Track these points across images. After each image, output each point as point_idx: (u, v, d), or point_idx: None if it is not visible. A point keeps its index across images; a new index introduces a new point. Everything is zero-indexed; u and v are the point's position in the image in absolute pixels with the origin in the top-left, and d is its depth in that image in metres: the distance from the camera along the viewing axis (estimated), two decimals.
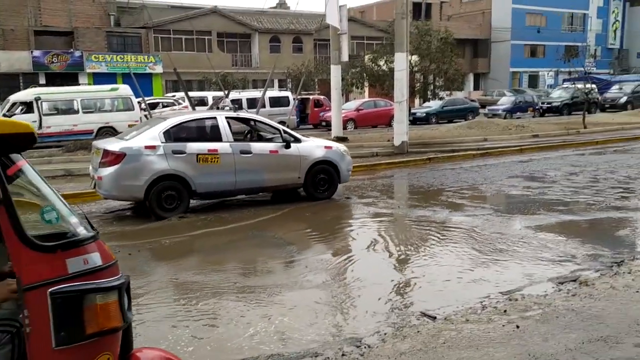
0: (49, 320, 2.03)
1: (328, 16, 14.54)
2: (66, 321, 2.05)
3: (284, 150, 9.28)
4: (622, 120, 25.36)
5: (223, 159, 8.82)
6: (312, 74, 33.59)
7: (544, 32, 51.37)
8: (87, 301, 2.07)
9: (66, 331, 2.04)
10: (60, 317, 2.04)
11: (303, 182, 9.57)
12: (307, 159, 9.50)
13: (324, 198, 9.75)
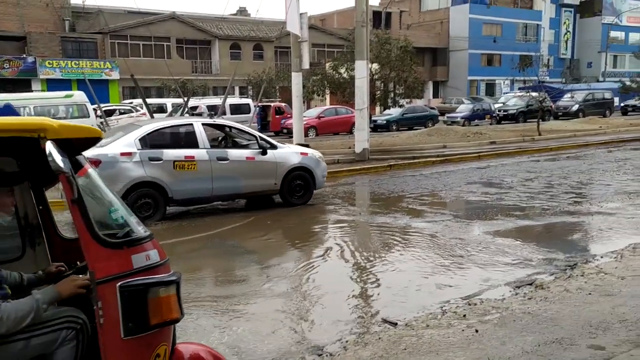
0: (118, 312, 2.17)
1: (289, 24, 14.54)
2: (133, 313, 2.19)
3: (261, 157, 9.30)
4: (574, 127, 26.25)
5: (200, 165, 8.73)
6: (273, 81, 33.52)
7: (499, 42, 52.79)
8: (151, 294, 2.23)
9: (134, 322, 2.19)
10: (128, 309, 2.18)
11: (279, 188, 9.62)
12: (283, 165, 9.57)
13: (300, 204, 9.82)
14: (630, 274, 5.63)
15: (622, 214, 8.70)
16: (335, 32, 43.88)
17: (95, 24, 36.64)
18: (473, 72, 52.26)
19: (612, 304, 4.82)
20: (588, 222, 8.34)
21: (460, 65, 52.19)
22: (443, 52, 53.13)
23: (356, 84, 14.87)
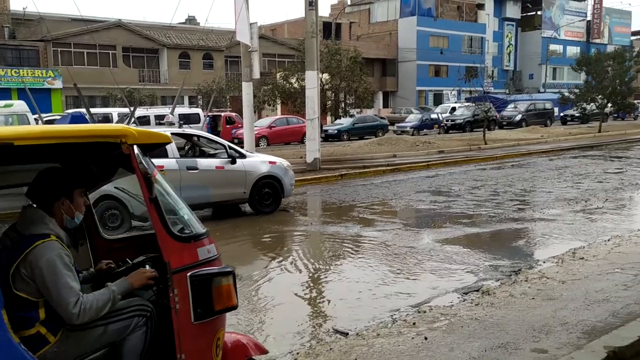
0: (189, 299, 2.44)
1: (238, 33, 14.46)
2: (201, 300, 2.46)
3: (230, 166, 9.30)
4: (518, 136, 27.21)
5: (169, 175, 8.56)
6: (224, 90, 33.22)
7: (446, 54, 54.26)
8: (214, 283, 2.51)
9: (201, 308, 2.47)
10: (197, 296, 2.45)
11: (248, 197, 9.65)
12: (252, 174, 9.61)
13: (269, 212, 9.87)
14: (571, 278, 5.84)
15: (562, 220, 9.04)
16: (285, 42, 44.00)
17: (37, 32, 35.37)
18: (421, 82, 53.43)
19: (554, 307, 4.98)
20: (531, 229, 8.62)
21: (409, 76, 53.28)
22: (392, 63, 54.12)
23: (307, 94, 14.92)
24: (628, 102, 34.04)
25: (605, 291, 5.35)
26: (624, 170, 15.16)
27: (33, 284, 2.35)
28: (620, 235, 7.83)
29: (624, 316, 4.65)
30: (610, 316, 4.68)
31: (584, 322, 4.57)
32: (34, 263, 2.34)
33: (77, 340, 2.42)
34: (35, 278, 2.33)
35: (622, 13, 70.52)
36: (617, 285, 5.51)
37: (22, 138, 2.22)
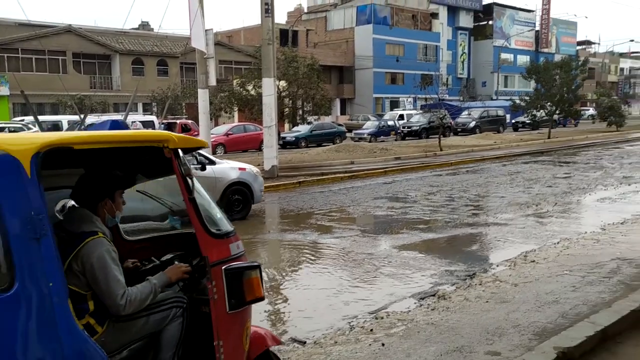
0: (224, 290, 2.67)
1: (193, 40, 14.27)
2: (234, 291, 2.69)
3: (200, 173, 9.19)
4: (472, 143, 27.84)
5: None
6: (179, 97, 32.73)
7: (402, 61, 55.13)
8: (245, 276, 2.74)
9: (235, 299, 2.69)
10: (231, 288, 2.68)
11: None
12: (222, 180, 9.52)
13: (239, 218, 9.80)
14: (523, 281, 5.98)
15: (514, 224, 9.28)
16: (242, 48, 43.76)
17: None
18: (378, 89, 54.08)
19: (507, 310, 5.09)
20: (485, 233, 8.81)
21: (366, 83, 53.85)
22: (349, 71, 54.59)
23: (264, 101, 14.86)
24: (575, 109, 35.41)
25: (555, 293, 5.50)
26: (572, 175, 15.71)
27: (83, 278, 2.51)
28: (569, 238, 8.10)
29: (572, 317, 4.80)
30: (559, 317, 4.82)
31: (535, 324, 4.69)
32: (85, 258, 2.51)
33: (122, 331, 2.60)
34: (86, 272, 2.50)
35: (568, 24, 73.41)
36: (566, 287, 5.68)
37: (82, 142, 2.40)
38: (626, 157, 20.73)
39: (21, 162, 2.13)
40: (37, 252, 2.12)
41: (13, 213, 2.10)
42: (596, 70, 75.50)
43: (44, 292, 2.12)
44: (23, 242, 2.10)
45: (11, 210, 2.09)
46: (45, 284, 2.12)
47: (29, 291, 2.08)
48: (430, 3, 59.36)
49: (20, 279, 2.07)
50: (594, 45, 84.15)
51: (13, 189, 2.11)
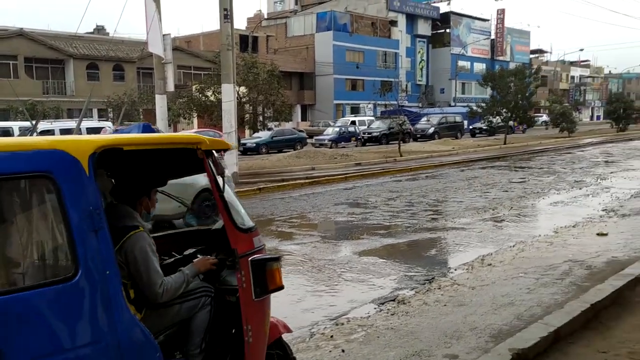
0: (250, 280, 2.90)
1: (150, 45, 14.02)
2: (259, 280, 2.93)
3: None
4: (431, 148, 28.30)
5: None
6: (136, 103, 32.05)
7: (362, 68, 55.66)
8: (267, 266, 2.97)
9: (259, 287, 2.93)
10: (256, 277, 2.92)
11: None
12: (193, 186, 9.27)
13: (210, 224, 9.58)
14: (479, 284, 6.09)
15: (472, 228, 9.45)
16: (201, 54, 43.29)
17: None
18: (339, 96, 54.41)
19: (465, 313, 5.16)
20: (444, 237, 8.94)
21: (327, 90, 54.10)
22: (310, 77, 54.74)
23: (224, 107, 14.71)
24: (529, 116, 36.48)
25: (510, 295, 5.62)
26: (527, 179, 16.14)
27: (126, 268, 2.70)
28: (524, 241, 8.30)
29: (527, 318, 4.90)
30: (515, 319, 4.92)
31: (491, 326, 4.77)
32: (129, 250, 2.72)
33: (158, 317, 2.81)
34: (129, 263, 2.69)
35: (522, 33, 75.67)
36: (521, 289, 5.81)
37: (130, 144, 2.64)
38: (577, 162, 21.45)
39: (80, 162, 2.35)
40: (95, 244, 2.33)
41: (75, 208, 2.30)
42: (548, 78, 78.01)
43: (102, 280, 2.33)
44: (84, 234, 2.30)
45: (73, 205, 2.30)
46: (102, 272, 2.34)
47: (90, 279, 2.30)
48: (389, 11, 60.20)
49: (82, 268, 2.28)
50: (546, 54, 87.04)
51: (74, 185, 2.32)
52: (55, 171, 2.27)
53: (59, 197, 2.27)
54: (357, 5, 61.45)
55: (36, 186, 2.33)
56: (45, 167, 2.26)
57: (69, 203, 2.28)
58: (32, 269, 2.33)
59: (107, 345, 2.33)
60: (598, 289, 5.36)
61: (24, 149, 2.27)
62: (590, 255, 7.21)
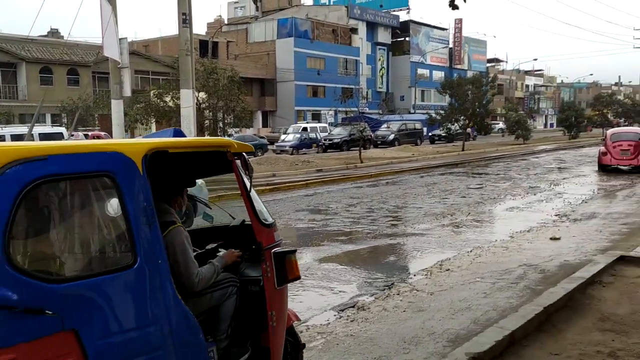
0: (273, 270, 3.21)
1: (106, 49, 13.67)
2: (280, 270, 3.25)
3: None
4: (392, 155, 28.60)
5: None
6: (91, 108, 31.29)
7: (323, 75, 55.89)
8: (287, 258, 3.30)
9: (280, 277, 3.25)
10: (278, 268, 3.24)
11: None
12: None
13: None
14: (438, 289, 6.16)
15: (431, 234, 9.57)
16: (160, 59, 42.60)
17: None
18: (300, 102, 54.46)
19: (423, 318, 5.20)
20: (403, 243, 9.02)
21: (288, 96, 54.09)
22: (271, 83, 54.64)
23: (182, 113, 14.46)
24: (486, 123, 37.35)
25: (467, 300, 5.70)
26: (484, 185, 16.49)
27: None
28: (481, 246, 8.45)
29: (483, 322, 4.97)
30: (472, 323, 4.98)
31: (449, 331, 4.82)
32: (169, 243, 2.90)
33: (193, 305, 2.97)
34: (169, 255, 2.83)
35: (479, 42, 77.60)
36: (478, 294, 5.90)
37: (175, 147, 2.99)
38: (532, 168, 22.07)
39: (135, 162, 2.62)
40: (149, 236, 2.61)
41: (132, 204, 2.56)
42: (504, 86, 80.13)
43: (155, 268, 2.61)
44: (140, 227, 2.57)
45: (131, 201, 2.56)
46: (155, 261, 2.62)
47: (146, 267, 2.57)
48: (350, 19, 60.76)
49: (140, 257, 2.55)
50: (502, 63, 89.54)
51: (131, 184, 2.59)
52: (115, 171, 2.55)
53: (119, 194, 2.55)
54: (318, 12, 61.80)
55: (100, 184, 2.59)
56: (107, 168, 2.54)
57: (127, 199, 2.55)
58: (98, 258, 2.63)
59: (162, 326, 2.60)
60: (551, 292, 5.49)
61: (89, 150, 2.60)
62: (543, 259, 7.39)
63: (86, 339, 2.33)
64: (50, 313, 2.25)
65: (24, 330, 2.19)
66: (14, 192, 2.23)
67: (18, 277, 2.20)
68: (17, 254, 2.28)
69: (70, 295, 2.33)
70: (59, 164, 2.39)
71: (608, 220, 10.46)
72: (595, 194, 14.43)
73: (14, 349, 2.15)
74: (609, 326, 4.83)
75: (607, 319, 4.99)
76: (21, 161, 2.29)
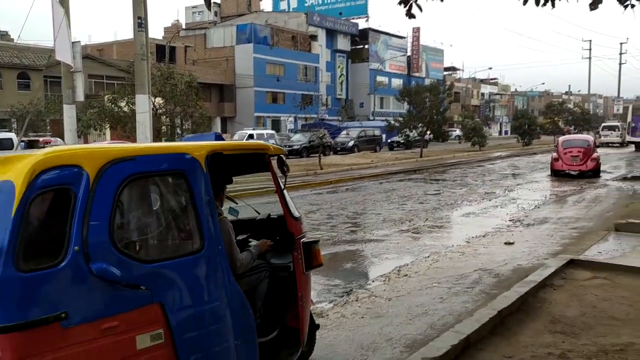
0: (301, 257, 3.73)
1: (58, 52, 13.26)
2: (307, 257, 3.76)
3: None
4: (351, 161, 28.76)
5: None
6: (43, 113, 30.26)
7: (283, 81, 55.86)
8: (312, 247, 3.83)
9: (307, 263, 3.78)
10: (306, 255, 3.76)
11: None
12: None
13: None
14: (396, 295, 6.19)
15: (389, 240, 9.64)
16: (115, 63, 41.66)
17: None
18: (259, 108, 54.23)
19: (381, 324, 5.22)
20: (362, 250, 9.05)
21: (247, 102, 53.78)
22: (230, 89, 54.23)
23: (138, 119, 14.14)
24: (443, 130, 38.04)
25: (425, 305, 5.75)
26: (441, 192, 16.76)
27: None
28: (438, 251, 8.57)
29: (440, 327, 5.03)
30: (428, 328, 5.03)
31: (406, 337, 4.84)
32: None
33: None
34: None
35: (436, 51, 79.18)
36: (435, 299, 5.97)
37: (228, 149, 3.47)
38: (487, 174, 22.59)
39: (199, 162, 3.06)
40: (212, 225, 3.04)
41: (199, 198, 3.01)
42: (461, 94, 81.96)
43: (217, 253, 3.06)
44: (206, 218, 3.01)
45: (198, 195, 3.01)
46: (216, 247, 3.06)
47: (211, 252, 3.02)
48: (309, 26, 61.01)
49: (206, 244, 3.00)
50: (459, 72, 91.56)
51: (198, 180, 3.03)
52: (185, 169, 2.99)
53: (189, 189, 2.98)
54: (277, 19, 61.81)
55: (174, 181, 3.04)
56: (179, 167, 2.99)
57: (196, 194, 2.99)
58: (176, 243, 3.09)
59: (222, 302, 3.04)
60: (504, 296, 5.60)
61: (165, 152, 3.08)
62: (498, 263, 7.55)
63: (169, 311, 2.77)
64: (144, 288, 2.69)
65: (124, 302, 2.62)
66: (114, 187, 2.66)
67: (121, 257, 2.63)
68: (118, 238, 2.67)
69: (157, 273, 2.78)
70: (143, 163, 2.83)
71: (559, 225, 10.79)
72: (547, 199, 14.87)
73: (116, 317, 2.58)
74: (560, 328, 4.95)
75: (558, 321, 5.12)
76: (117, 161, 2.70)
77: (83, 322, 2.47)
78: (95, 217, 2.55)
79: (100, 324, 2.52)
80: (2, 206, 2.40)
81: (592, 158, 20.25)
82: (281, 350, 3.79)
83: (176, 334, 2.78)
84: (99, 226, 2.56)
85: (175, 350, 2.77)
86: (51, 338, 2.38)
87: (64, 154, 2.60)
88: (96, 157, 2.65)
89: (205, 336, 2.93)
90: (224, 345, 3.03)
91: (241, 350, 3.14)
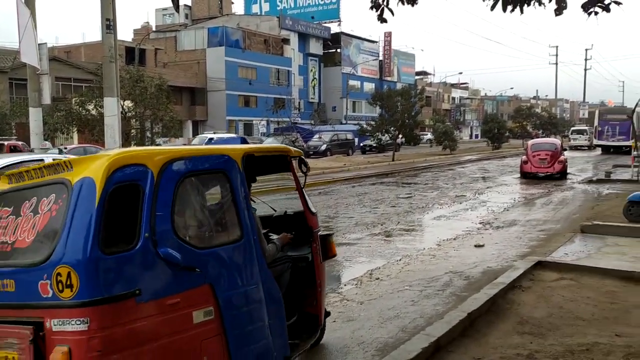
0: (318, 248, 4.25)
1: (23, 54, 12.94)
2: (323, 249, 4.31)
3: None
4: (324, 165, 28.77)
5: None
6: (7, 116, 29.53)
7: (255, 85, 55.61)
8: (327, 239, 4.42)
9: (323, 254, 4.32)
10: (322, 246, 4.29)
11: None
12: None
13: None
14: (368, 298, 6.20)
15: (361, 243, 9.67)
16: (82, 65, 40.85)
17: None
18: (231, 112, 53.88)
19: (353, 328, 5.21)
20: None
21: (219, 106, 53.37)
22: (201, 92, 53.73)
23: (106, 122, 13.89)
24: (415, 134, 38.40)
25: (396, 308, 5.77)
26: (413, 195, 16.89)
27: None
28: (409, 254, 8.62)
29: (411, 330, 5.05)
30: (400, 332, 5.04)
31: (378, 340, 4.85)
32: None
33: None
34: None
35: (408, 55, 79.94)
36: (406, 302, 5.99)
37: (259, 152, 3.84)
38: (458, 177, 22.87)
39: (237, 162, 3.46)
40: (248, 218, 3.42)
41: (238, 193, 3.40)
42: (432, 98, 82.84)
43: (253, 243, 3.42)
44: (243, 212, 3.39)
45: (237, 192, 3.40)
46: (252, 237, 3.42)
47: (248, 241, 3.39)
48: (282, 29, 60.95)
49: (244, 234, 3.38)
50: (430, 76, 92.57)
51: (236, 178, 3.41)
52: (227, 169, 3.39)
53: (230, 186, 3.37)
54: (249, 22, 61.60)
55: (218, 178, 3.43)
56: (222, 166, 3.39)
57: (236, 190, 3.38)
58: (222, 232, 3.46)
59: (258, 286, 3.40)
60: (474, 298, 5.66)
61: (210, 154, 3.44)
62: (468, 266, 7.63)
63: (218, 291, 3.13)
64: (198, 270, 3.05)
65: (182, 282, 2.98)
66: (175, 182, 3.06)
67: (180, 243, 3.01)
68: (178, 227, 3.06)
69: (208, 258, 3.15)
70: (194, 163, 3.25)
71: (527, 227, 10.98)
72: (516, 202, 15.12)
73: (178, 295, 2.95)
74: (528, 329, 5.02)
75: (526, 322, 5.20)
76: (174, 161, 3.11)
77: (152, 299, 2.83)
78: (160, 209, 2.94)
79: (165, 301, 2.89)
80: (87, 198, 2.76)
81: (559, 161, 20.79)
82: (302, 333, 4.12)
83: (223, 311, 3.14)
84: (163, 216, 2.95)
85: (223, 326, 3.13)
86: (128, 311, 2.73)
87: (131, 155, 3.01)
88: (158, 157, 3.05)
89: (245, 314, 3.28)
90: (260, 324, 3.38)
91: (274, 330, 3.48)
